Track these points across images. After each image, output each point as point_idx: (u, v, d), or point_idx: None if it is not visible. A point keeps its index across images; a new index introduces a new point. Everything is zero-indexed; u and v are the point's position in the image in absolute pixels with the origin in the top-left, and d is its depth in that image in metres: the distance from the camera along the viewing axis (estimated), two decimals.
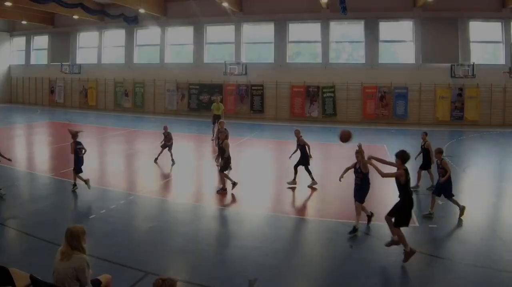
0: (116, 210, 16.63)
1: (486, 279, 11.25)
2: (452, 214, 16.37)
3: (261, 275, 11.20)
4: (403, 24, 47.71)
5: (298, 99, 48.51)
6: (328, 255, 13.08)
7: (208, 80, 51.35)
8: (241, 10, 50.63)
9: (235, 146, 28.96)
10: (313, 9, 47.39)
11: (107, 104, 57.12)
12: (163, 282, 6.64)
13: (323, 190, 20.26)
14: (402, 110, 45.88)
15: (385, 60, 47.66)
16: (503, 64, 43.19)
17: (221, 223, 16.20)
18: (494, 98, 43.95)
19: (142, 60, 56.55)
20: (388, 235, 13.32)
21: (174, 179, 22.05)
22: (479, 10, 44.57)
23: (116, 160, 25.76)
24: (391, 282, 11.60)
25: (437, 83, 44.98)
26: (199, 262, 12.32)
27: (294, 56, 51.33)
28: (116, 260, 11.87)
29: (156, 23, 54.10)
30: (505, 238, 14.02)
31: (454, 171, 22.19)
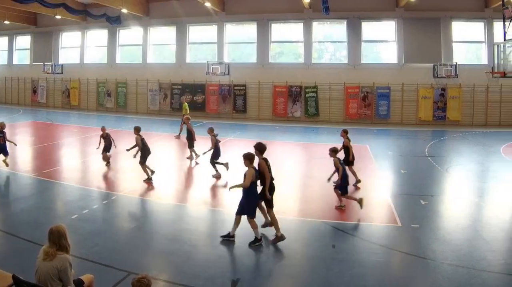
0: (99, 210, 16.41)
1: (469, 279, 11.06)
2: (435, 214, 16.38)
3: (243, 275, 11.22)
4: (386, 24, 46.64)
5: (280, 99, 47.40)
6: (311, 255, 12.84)
7: (190, 80, 50.20)
8: (224, 10, 49.45)
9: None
10: (295, 9, 46.29)
11: (90, 104, 55.69)
12: (148, 281, 6.85)
13: (306, 189, 20.20)
14: (384, 110, 44.88)
15: (368, 60, 46.67)
16: (485, 64, 41.90)
17: (203, 223, 15.81)
18: (476, 99, 43.13)
19: (125, 60, 55.24)
20: (372, 233, 14.13)
21: (156, 179, 21.01)
22: (462, 10, 43.79)
23: (98, 160, 24.74)
24: (375, 282, 11.09)
25: (420, 83, 44.01)
26: (182, 262, 12.08)
27: (277, 56, 50.17)
28: (99, 260, 11.73)
29: (139, 23, 52.82)
30: (488, 238, 13.82)
31: (437, 171, 23.39)
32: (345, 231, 14.38)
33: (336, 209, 16.84)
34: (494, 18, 42.00)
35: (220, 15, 49.40)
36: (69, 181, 20.52)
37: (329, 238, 13.87)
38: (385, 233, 14.64)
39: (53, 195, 18.52)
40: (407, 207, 17.00)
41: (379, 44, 47.94)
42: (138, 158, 20.62)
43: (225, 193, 18.99)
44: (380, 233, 14.59)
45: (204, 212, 16.75)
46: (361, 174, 21.32)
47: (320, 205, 17.62)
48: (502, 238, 14.01)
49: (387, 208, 17.13)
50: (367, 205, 16.77)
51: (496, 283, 10.97)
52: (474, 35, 45.06)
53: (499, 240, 13.82)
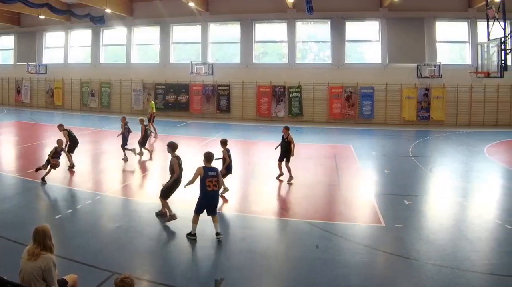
0: (83, 210, 16.13)
1: (453, 279, 10.93)
2: (419, 214, 16.27)
3: (227, 275, 10.90)
4: (370, 24, 45.67)
5: (264, 99, 46.35)
6: (294, 255, 12.61)
7: (174, 80, 48.95)
8: (208, 10, 48.19)
9: (201, 146, 29.17)
10: (279, 9, 45.28)
11: (74, 104, 53.99)
12: (131, 281, 6.72)
13: (289, 190, 19.74)
14: (368, 110, 43.96)
15: (352, 60, 45.83)
16: (469, 64, 41.09)
17: (187, 223, 14.61)
18: (460, 99, 42.52)
19: (109, 60, 53.69)
20: (356, 233, 14.18)
21: (140, 179, 21.38)
22: (446, 10, 43.00)
23: (82, 160, 24.39)
24: (358, 282, 10.95)
25: (404, 83, 43.17)
26: (166, 262, 12.04)
27: (261, 56, 49.08)
28: (83, 260, 11.52)
29: (123, 23, 51.26)
30: (471, 238, 13.72)
31: (421, 171, 23.18)
32: (328, 231, 14.12)
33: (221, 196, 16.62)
34: (478, 18, 41.36)
35: (204, 15, 48.18)
36: (53, 181, 19.91)
37: (313, 238, 13.62)
38: (369, 233, 14.45)
39: (37, 195, 18.22)
40: (391, 207, 16.76)
41: (362, 44, 47.00)
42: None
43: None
44: (364, 233, 14.41)
45: (187, 212, 15.55)
46: (345, 174, 21.84)
47: (303, 205, 17.35)
48: (486, 238, 13.86)
49: (371, 208, 16.87)
50: (351, 205, 17.01)
51: (480, 283, 10.85)
52: (457, 35, 44.35)
53: (483, 240, 13.66)
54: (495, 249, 12.96)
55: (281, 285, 11.07)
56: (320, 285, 10.61)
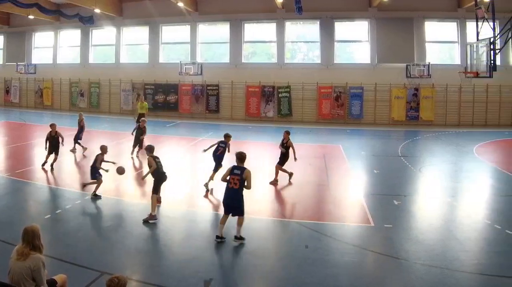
0: (72, 210, 15.88)
1: (442, 279, 10.84)
2: (408, 214, 16.20)
3: (217, 275, 11.01)
4: (359, 24, 45.15)
5: (253, 99, 45.71)
6: (284, 255, 12.52)
7: (163, 80, 48.09)
8: (197, 10, 47.40)
9: (191, 146, 29.47)
10: (268, 9, 44.53)
11: (63, 104, 52.94)
12: (118, 280, 6.61)
13: (278, 190, 19.58)
14: (357, 110, 43.38)
15: (341, 60, 45.18)
16: (458, 64, 40.58)
17: (176, 223, 15.26)
18: (449, 99, 42.05)
19: (98, 60, 52.72)
20: (345, 233, 14.15)
21: (129, 179, 20.72)
22: (435, 10, 42.61)
23: (71, 160, 24.50)
24: (347, 282, 10.85)
25: (393, 83, 42.63)
26: (155, 262, 11.81)
27: (250, 56, 48.23)
28: (72, 260, 11.36)
29: (112, 23, 50.37)
30: (461, 238, 13.63)
31: (410, 171, 22.96)
32: (318, 231, 13.99)
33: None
34: (467, 18, 40.89)
35: (193, 15, 47.41)
36: (42, 181, 19.93)
37: (302, 238, 13.50)
38: (358, 233, 14.33)
39: (26, 195, 18.00)
40: (380, 207, 16.68)
41: (352, 44, 46.42)
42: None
43: (199, 193, 18.56)
44: (353, 233, 14.30)
45: (177, 212, 16.18)
46: (334, 174, 21.94)
47: (293, 205, 17.44)
48: (475, 238, 13.76)
49: (360, 208, 16.74)
50: (341, 205, 16.92)
51: (470, 283, 10.79)
52: (447, 35, 43.86)
53: (472, 240, 13.59)
54: (484, 249, 12.89)
55: (271, 285, 10.99)
56: (310, 285, 10.52)
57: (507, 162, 26.20)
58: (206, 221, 15.51)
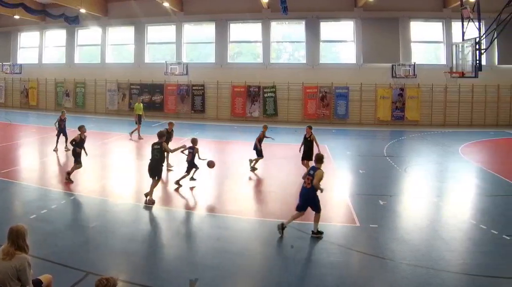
0: (57, 210, 15.53)
1: (428, 279, 10.66)
2: (394, 214, 15.95)
3: (202, 275, 10.67)
4: (344, 24, 44.50)
5: (239, 99, 44.91)
6: (269, 255, 12.35)
7: (149, 80, 47.10)
8: (182, 10, 46.49)
9: (176, 145, 27.07)
10: (254, 9, 43.81)
11: (48, 104, 51.75)
12: (107, 281, 6.47)
13: (264, 190, 19.57)
14: (343, 110, 42.80)
15: (326, 60, 44.57)
16: (444, 64, 40.22)
17: (162, 223, 15.07)
18: (435, 99, 41.76)
19: (83, 60, 51.49)
20: (331, 233, 13.70)
21: (115, 179, 20.63)
22: (420, 10, 42.27)
23: (56, 160, 24.00)
24: (333, 282, 10.58)
25: (378, 83, 42.14)
26: (140, 262, 11.61)
27: (235, 56, 47.40)
28: (57, 260, 11.11)
29: (97, 23, 49.23)
30: (446, 238, 13.39)
31: (395, 171, 22.70)
32: (303, 231, 13.64)
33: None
34: (453, 18, 40.69)
35: (178, 15, 46.48)
36: (27, 181, 19.44)
37: (288, 238, 13.16)
38: (343, 233, 14.12)
39: (11, 195, 17.61)
40: (366, 207, 16.48)
41: (337, 44, 45.81)
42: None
43: (183, 193, 18.30)
44: (339, 233, 14.02)
45: (162, 212, 15.95)
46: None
47: (278, 205, 16.97)
48: (461, 238, 13.59)
49: (345, 208, 16.58)
50: (326, 205, 15.73)
51: (455, 283, 10.59)
52: (432, 35, 43.44)
53: (457, 240, 13.40)
54: (470, 249, 12.74)
55: (256, 285, 10.77)
56: (295, 285, 10.39)
57: (492, 162, 26.02)
58: (192, 221, 15.24)
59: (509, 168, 24.06)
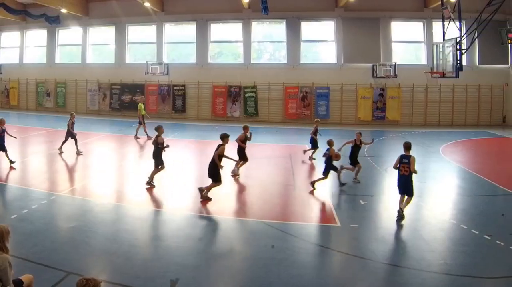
0: (38, 210, 15.25)
1: (409, 279, 10.56)
2: (374, 214, 15.83)
3: (183, 275, 10.49)
4: (325, 24, 43.43)
5: (220, 99, 43.66)
6: (251, 255, 12.09)
7: (130, 80, 45.62)
8: (163, 10, 45.07)
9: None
10: (234, 9, 42.65)
11: (29, 104, 50.15)
12: (86, 282, 6.27)
13: (245, 190, 19.37)
14: (323, 110, 41.71)
15: (307, 60, 43.49)
16: (424, 64, 39.30)
17: (143, 223, 14.63)
18: (415, 99, 40.98)
19: (64, 60, 49.40)
20: (312, 233, 13.91)
21: (96, 179, 20.20)
22: (401, 10, 41.44)
23: (37, 160, 23.83)
24: (313, 282, 10.35)
25: (359, 83, 41.17)
26: (121, 262, 11.26)
27: (216, 56, 45.93)
28: (38, 260, 10.95)
29: (78, 23, 47.50)
30: (427, 238, 13.28)
31: (376, 171, 22.67)
32: (284, 231, 13.59)
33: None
34: (433, 18, 39.98)
35: (159, 15, 45.04)
36: (8, 181, 19.28)
37: (269, 238, 13.04)
38: (324, 233, 14.05)
39: None
40: (347, 207, 16.58)
41: (318, 44, 44.61)
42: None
43: (164, 193, 18.28)
44: (319, 233, 14.00)
45: (143, 212, 15.61)
46: (300, 174, 21.59)
47: (259, 205, 16.76)
48: (442, 238, 13.41)
49: (326, 208, 16.41)
50: (307, 205, 16.56)
51: (436, 283, 10.44)
52: (413, 35, 42.56)
53: (438, 240, 13.24)
54: (451, 249, 12.55)
55: (237, 285, 10.62)
56: (276, 285, 10.24)
57: (473, 162, 25.78)
58: (172, 221, 14.85)
59: (489, 167, 23.98)
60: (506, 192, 18.57)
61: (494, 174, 21.81)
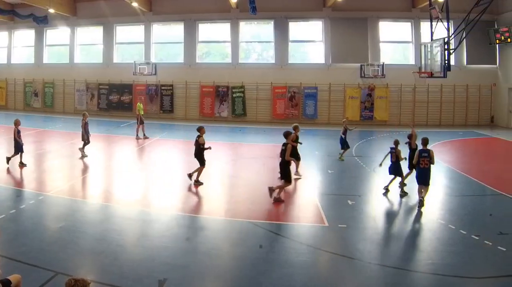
0: (26, 210, 15.09)
1: (396, 279, 10.43)
2: (362, 214, 15.50)
3: (171, 275, 10.33)
4: (313, 24, 42.73)
5: (207, 99, 42.90)
6: (238, 255, 11.97)
7: (117, 80, 44.78)
8: (151, 10, 44.16)
9: (146, 146, 28.63)
10: (222, 9, 41.88)
11: (17, 105, 49.08)
12: (75, 282, 6.25)
13: (233, 190, 19.15)
14: (311, 110, 41.10)
15: (295, 60, 42.75)
16: (412, 64, 38.77)
17: (131, 223, 14.41)
18: (403, 99, 40.36)
19: (52, 60, 48.34)
20: (300, 233, 13.59)
21: (84, 179, 19.97)
22: (389, 10, 40.86)
23: (25, 160, 22.47)
24: (301, 282, 10.23)
25: (347, 83, 40.52)
26: (109, 262, 11.06)
27: (204, 56, 45.05)
28: (26, 260, 10.76)
29: (66, 23, 46.56)
30: (415, 238, 13.39)
31: (364, 171, 22.31)
32: (272, 231, 13.49)
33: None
34: (421, 18, 39.33)
35: (147, 15, 44.16)
36: None
37: (257, 238, 12.93)
38: (312, 233, 13.77)
39: None
40: (335, 207, 16.14)
41: (306, 44, 43.84)
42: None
43: (152, 193, 18.24)
44: (308, 233, 13.70)
45: (131, 212, 15.36)
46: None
47: (247, 205, 16.44)
48: (430, 238, 13.29)
49: (314, 208, 16.10)
50: (295, 205, 16.56)
51: (423, 283, 10.35)
52: (401, 35, 41.97)
53: (426, 240, 13.22)
54: (438, 249, 12.32)
55: (225, 285, 10.47)
56: (264, 285, 10.07)
57: (461, 162, 25.45)
58: (160, 221, 14.52)
59: (477, 167, 23.74)
60: (494, 192, 18.33)
61: (482, 174, 21.62)
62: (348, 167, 23.28)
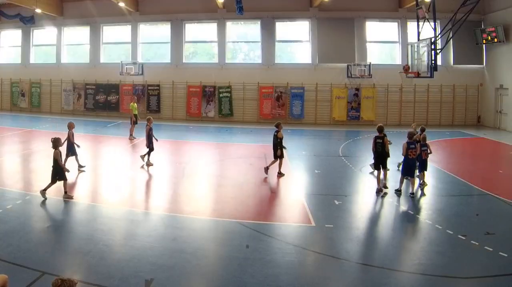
0: (13, 210, 14.74)
1: (383, 279, 10.22)
2: (349, 214, 15.36)
3: (157, 275, 10.19)
4: (300, 24, 41.63)
5: (194, 99, 41.69)
6: (225, 255, 11.73)
7: (104, 80, 43.46)
8: (138, 10, 42.84)
9: (130, 146, 28.64)
10: (209, 9, 40.62)
11: (3, 105, 47.76)
12: (62, 282, 6.01)
13: (219, 190, 18.76)
14: (298, 110, 40.06)
15: (282, 60, 41.66)
16: (399, 64, 36.88)
17: (117, 223, 14.10)
18: (390, 99, 39.51)
19: (39, 60, 46.99)
20: (286, 233, 13.36)
21: (70, 179, 18.67)
22: (376, 10, 39.89)
23: (12, 160, 23.08)
24: (288, 282, 10.11)
25: (334, 83, 39.58)
26: (96, 262, 10.88)
27: (191, 56, 43.77)
28: (13, 260, 10.61)
29: (53, 23, 45.20)
30: (402, 238, 13.23)
31: (351, 171, 22.03)
32: (259, 231, 13.28)
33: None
34: (408, 18, 38.52)
35: (134, 15, 42.84)
36: None
37: (243, 238, 12.71)
38: (299, 233, 13.57)
39: None
40: (321, 207, 15.91)
41: (293, 44, 42.74)
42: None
43: (139, 193, 18.24)
44: (294, 233, 13.49)
45: (118, 212, 15.14)
46: (275, 174, 20.51)
47: (234, 205, 16.28)
48: (416, 238, 13.26)
49: (301, 208, 15.87)
50: (281, 205, 16.47)
51: (410, 283, 10.18)
52: (388, 35, 41.01)
53: (413, 240, 13.12)
54: (425, 249, 12.20)
55: (211, 285, 10.27)
56: (250, 285, 9.91)
57: (447, 162, 24.96)
58: (147, 221, 14.44)
59: (464, 167, 23.52)
60: (480, 192, 18.11)
61: (468, 174, 21.40)
62: (335, 167, 22.90)
